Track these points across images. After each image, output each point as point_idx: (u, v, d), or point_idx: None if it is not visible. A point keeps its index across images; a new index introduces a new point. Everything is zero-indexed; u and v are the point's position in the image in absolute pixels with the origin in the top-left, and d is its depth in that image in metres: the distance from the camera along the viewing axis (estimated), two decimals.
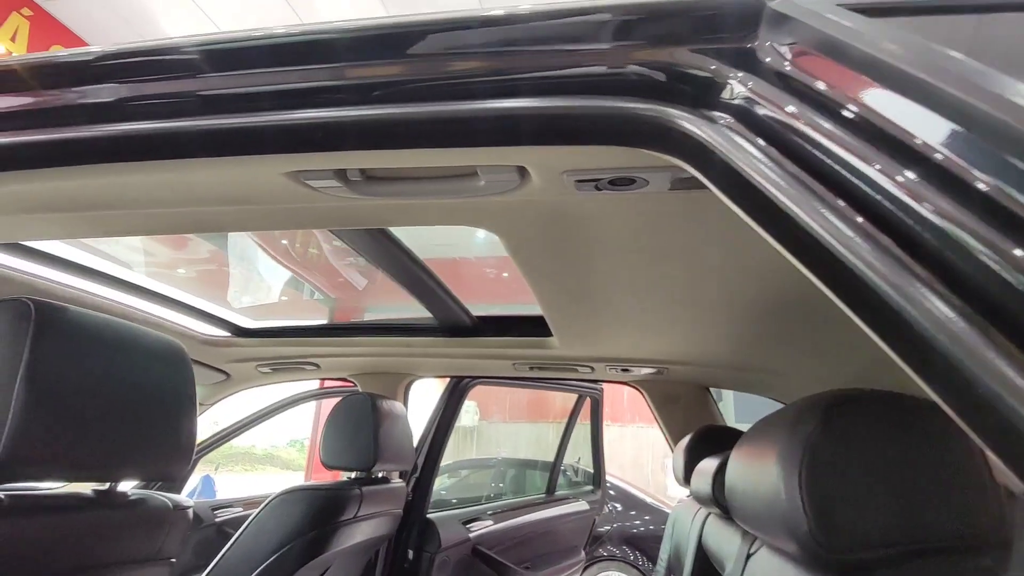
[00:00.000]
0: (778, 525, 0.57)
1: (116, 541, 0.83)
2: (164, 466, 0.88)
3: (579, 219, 0.81)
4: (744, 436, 0.78)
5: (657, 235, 0.85)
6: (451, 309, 1.58)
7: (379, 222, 0.88)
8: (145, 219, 0.88)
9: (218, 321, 1.81)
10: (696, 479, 1.16)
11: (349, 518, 1.54)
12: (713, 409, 1.94)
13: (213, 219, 0.89)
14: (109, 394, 0.80)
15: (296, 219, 0.86)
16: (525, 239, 0.91)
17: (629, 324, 1.44)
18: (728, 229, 0.80)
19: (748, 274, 1.02)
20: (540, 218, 0.82)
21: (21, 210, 0.84)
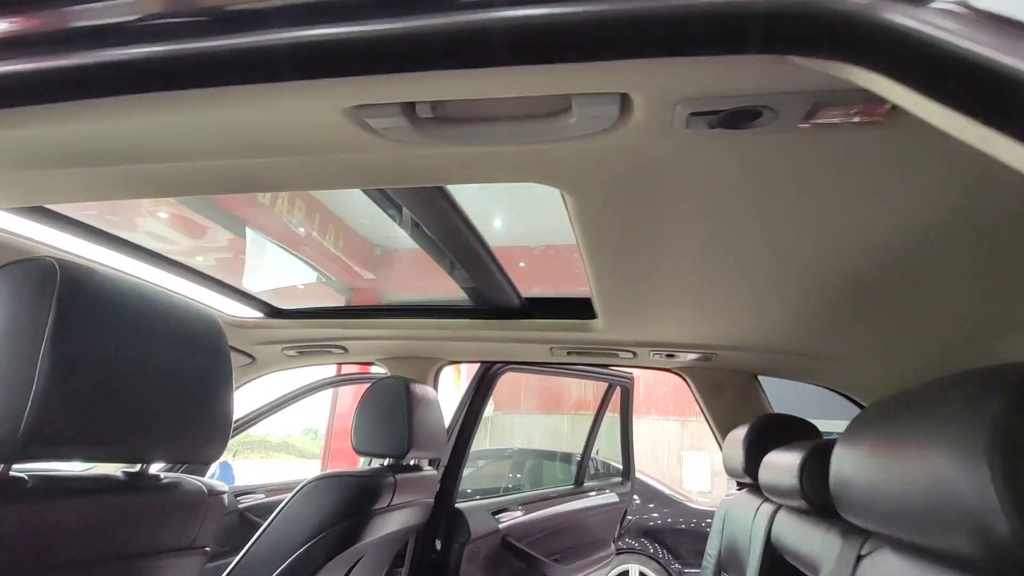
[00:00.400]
0: (949, 525, 0.47)
1: (148, 528, 0.76)
2: (200, 447, 0.81)
3: (668, 173, 0.71)
4: (859, 422, 0.68)
5: (753, 193, 0.75)
6: (500, 287, 1.48)
7: (440, 178, 0.78)
8: (178, 175, 0.80)
9: (250, 300, 1.73)
10: (768, 472, 1.06)
11: (383, 507, 1.47)
12: (763, 398, 1.83)
13: (255, 174, 0.80)
14: (141, 366, 0.72)
15: (351, 173, 0.76)
16: (597, 200, 0.81)
17: (682, 304, 1.34)
18: (842, 183, 0.69)
19: (837, 247, 0.92)
20: (623, 172, 0.72)
21: (40, 164, 0.76)
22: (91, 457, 0.69)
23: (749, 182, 0.72)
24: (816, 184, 0.71)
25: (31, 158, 0.73)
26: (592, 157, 0.69)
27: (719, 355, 1.72)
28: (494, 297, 1.57)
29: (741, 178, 0.71)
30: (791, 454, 0.96)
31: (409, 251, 2.05)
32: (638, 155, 0.67)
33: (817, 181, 0.70)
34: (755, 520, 1.23)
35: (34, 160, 0.73)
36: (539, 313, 1.63)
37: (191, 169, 0.78)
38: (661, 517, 4.75)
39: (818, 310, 1.25)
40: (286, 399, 2.49)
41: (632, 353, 1.77)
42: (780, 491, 0.98)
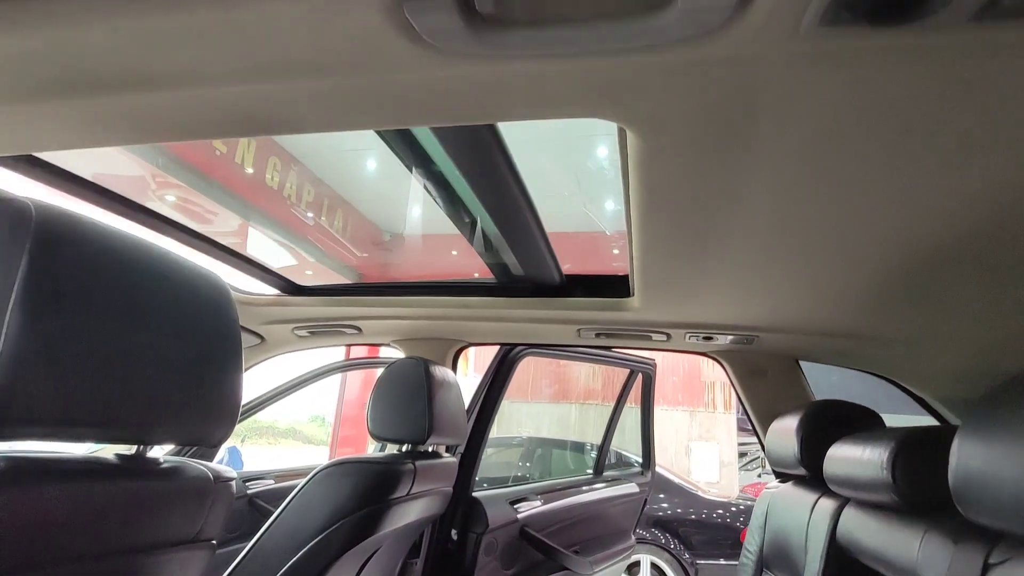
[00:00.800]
0: None
1: (146, 519, 0.65)
2: (206, 428, 0.70)
3: (770, 99, 0.59)
4: (989, 407, 0.56)
5: (868, 127, 0.63)
6: (542, 261, 1.36)
7: (490, 112, 0.66)
8: (181, 110, 0.68)
9: (268, 276, 1.61)
10: (838, 464, 0.95)
11: (402, 495, 1.37)
12: (805, 385, 1.72)
13: (270, 110, 0.68)
14: (136, 332, 0.61)
15: (385, 106, 0.64)
16: (667, 143, 0.69)
17: (729, 280, 1.22)
18: (991, 115, 0.57)
19: (936, 206, 0.79)
20: (713, 100, 0.60)
21: (15, 92, 0.64)
22: (75, 437, 0.58)
23: (869, 111, 0.60)
24: (957, 115, 0.59)
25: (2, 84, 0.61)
26: (678, 80, 0.57)
27: (760, 337, 1.60)
28: (534, 272, 1.44)
29: (859, 105, 0.59)
30: (872, 444, 0.85)
31: (426, 230, 1.95)
32: (740, 73, 0.55)
33: (962, 109, 0.58)
34: (813, 515, 1.12)
35: (6, 88, 0.62)
36: (570, 291, 1.52)
37: (196, 101, 0.66)
38: (672, 507, 4.69)
39: (882, 286, 1.13)
40: (294, 384, 2.41)
41: (666, 335, 1.65)
42: (858, 485, 0.87)
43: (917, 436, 0.78)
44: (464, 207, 1.32)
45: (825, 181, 0.76)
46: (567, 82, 0.58)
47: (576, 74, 0.56)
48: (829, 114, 0.61)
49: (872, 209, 0.84)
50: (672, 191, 0.83)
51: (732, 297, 1.35)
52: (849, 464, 0.90)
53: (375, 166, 3.20)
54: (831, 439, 1.07)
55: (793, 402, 1.64)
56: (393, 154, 1.09)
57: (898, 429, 0.84)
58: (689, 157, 0.72)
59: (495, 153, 0.87)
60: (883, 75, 0.54)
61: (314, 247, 4.53)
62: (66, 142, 0.82)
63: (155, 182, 4.47)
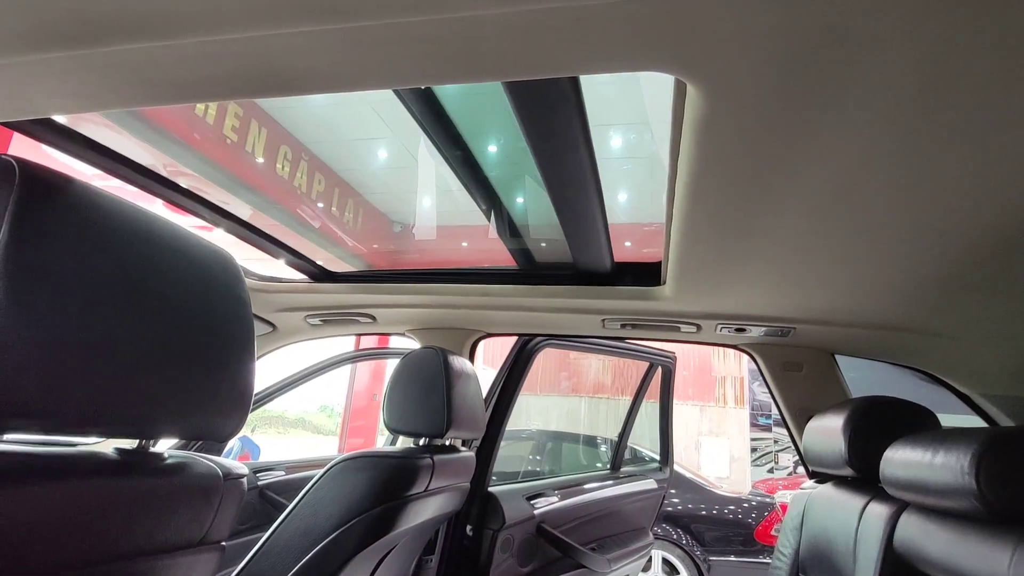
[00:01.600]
0: None
1: (149, 521, 0.59)
2: (216, 420, 0.63)
3: (853, 53, 0.51)
4: None
5: (957, 84, 0.54)
6: (597, 245, 1.26)
7: (534, 65, 0.57)
8: (195, 62, 0.61)
9: (300, 260, 1.54)
10: (902, 467, 0.87)
11: (420, 491, 1.30)
12: (842, 380, 1.63)
13: (292, 63, 0.60)
14: (137, 310, 0.54)
15: (412, 58, 0.56)
16: (729, 99, 0.61)
17: (771, 265, 1.14)
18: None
19: (999, 187, 0.71)
20: (792, 45, 0.52)
21: (19, 45, 0.57)
22: (67, 431, 0.51)
23: (974, 61, 0.51)
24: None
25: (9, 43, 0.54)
26: (754, 19, 0.49)
27: (797, 330, 1.51)
28: (584, 258, 1.35)
29: (965, 53, 0.50)
30: (947, 446, 0.77)
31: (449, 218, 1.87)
32: (830, 9, 0.47)
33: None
34: (863, 520, 1.04)
35: (3, 38, 0.55)
36: (598, 278, 1.44)
37: (207, 54, 0.59)
38: (684, 503, 4.64)
39: (938, 274, 1.04)
40: (305, 374, 2.36)
41: (696, 327, 1.57)
42: (928, 490, 0.79)
43: (1008, 437, 0.70)
44: (488, 189, 1.24)
45: (901, 149, 0.68)
46: (617, 24, 0.50)
47: (627, 13, 0.48)
48: (924, 61, 0.52)
49: (946, 185, 0.75)
50: (727, 161, 0.75)
51: (771, 285, 1.27)
52: (917, 467, 0.82)
53: (390, 151, 3.13)
54: (884, 439, 0.98)
55: (830, 399, 1.55)
56: (421, 130, 1.01)
57: (978, 429, 0.75)
58: (753, 117, 0.64)
59: (572, 113, 0.77)
60: (993, 13, 0.45)
61: (326, 236, 4.47)
62: (71, 105, 0.74)
63: (166, 170, 4.42)
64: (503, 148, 1.35)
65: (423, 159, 1.31)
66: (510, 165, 1.39)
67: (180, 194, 1.28)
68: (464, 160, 1.08)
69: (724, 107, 0.63)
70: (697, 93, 0.61)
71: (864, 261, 1.05)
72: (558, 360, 9.50)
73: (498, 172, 1.11)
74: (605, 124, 2.15)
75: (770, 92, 0.60)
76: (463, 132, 0.97)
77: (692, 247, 1.08)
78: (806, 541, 1.33)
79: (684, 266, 1.19)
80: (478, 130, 0.96)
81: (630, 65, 0.57)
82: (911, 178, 0.75)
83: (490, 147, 1.21)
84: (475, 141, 0.98)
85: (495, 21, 0.52)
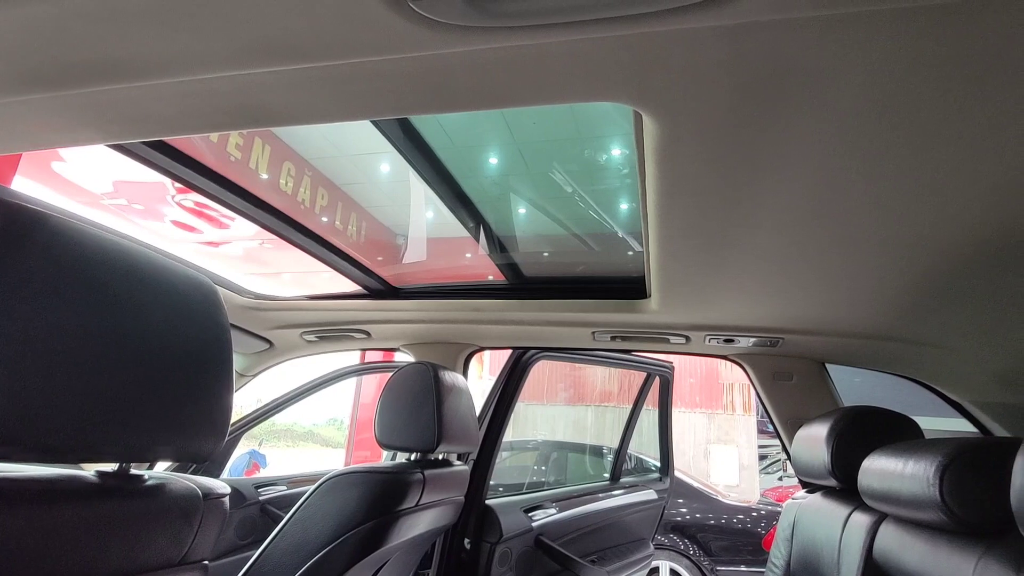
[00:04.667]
0: None
1: (126, 542, 0.61)
2: (192, 443, 0.65)
3: (803, 69, 0.53)
4: None
5: (904, 104, 0.56)
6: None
7: (496, 98, 0.60)
8: (166, 101, 0.64)
9: (368, 275, 1.57)
10: (875, 477, 0.88)
11: (411, 506, 1.32)
12: (833, 389, 1.63)
13: (261, 99, 0.63)
14: (113, 339, 0.57)
15: (383, 92, 0.59)
16: (687, 127, 0.63)
17: (754, 278, 1.15)
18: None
19: (967, 198, 0.72)
20: (741, 73, 0.54)
21: (9, 88, 0.61)
22: (47, 458, 0.54)
23: (916, 82, 0.53)
24: (1014, 87, 0.52)
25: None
26: (699, 53, 0.51)
27: (785, 340, 1.52)
28: (576, 272, 1.37)
29: (905, 75, 0.52)
30: (916, 456, 0.77)
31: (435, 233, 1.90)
32: (769, 41, 0.49)
33: (1020, 81, 0.51)
34: (846, 531, 1.05)
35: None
36: (582, 292, 1.45)
37: (184, 92, 0.62)
38: (691, 512, 4.60)
39: (922, 284, 1.05)
40: (308, 388, 2.38)
41: (685, 338, 1.58)
42: (899, 501, 0.80)
43: (970, 448, 0.71)
44: (472, 207, 1.27)
45: (864, 166, 0.69)
46: (576, 60, 0.52)
47: (585, 50, 0.50)
48: (871, 87, 0.54)
49: (914, 198, 0.76)
50: (692, 182, 0.76)
51: (756, 297, 1.28)
52: (888, 477, 0.82)
53: (392, 165, 3.18)
54: (866, 448, 0.99)
55: (820, 408, 1.56)
56: (397, 152, 1.04)
57: (946, 440, 0.76)
58: (712, 143, 0.66)
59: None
60: (931, 37, 0.47)
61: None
62: (52, 139, 0.78)
63: (175, 188, 4.49)
64: (487, 167, 1.38)
65: (412, 180, 1.34)
66: (493, 184, 1.42)
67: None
68: (445, 181, 1.11)
69: (681, 135, 0.65)
70: (653, 122, 0.63)
71: (843, 273, 1.06)
72: (564, 369, 9.48)
73: (482, 191, 1.14)
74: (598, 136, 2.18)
75: (725, 120, 0.62)
76: (442, 156, 1.00)
77: (670, 261, 1.10)
78: (796, 551, 1.33)
79: (666, 279, 1.20)
80: (458, 153, 0.99)
81: (587, 97, 0.59)
82: (874, 195, 0.76)
83: (473, 167, 1.25)
84: (455, 164, 1.01)
85: (458, 58, 0.54)
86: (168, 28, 0.50)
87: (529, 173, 1.29)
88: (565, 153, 1.33)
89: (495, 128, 1.33)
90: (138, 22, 0.50)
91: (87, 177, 4.31)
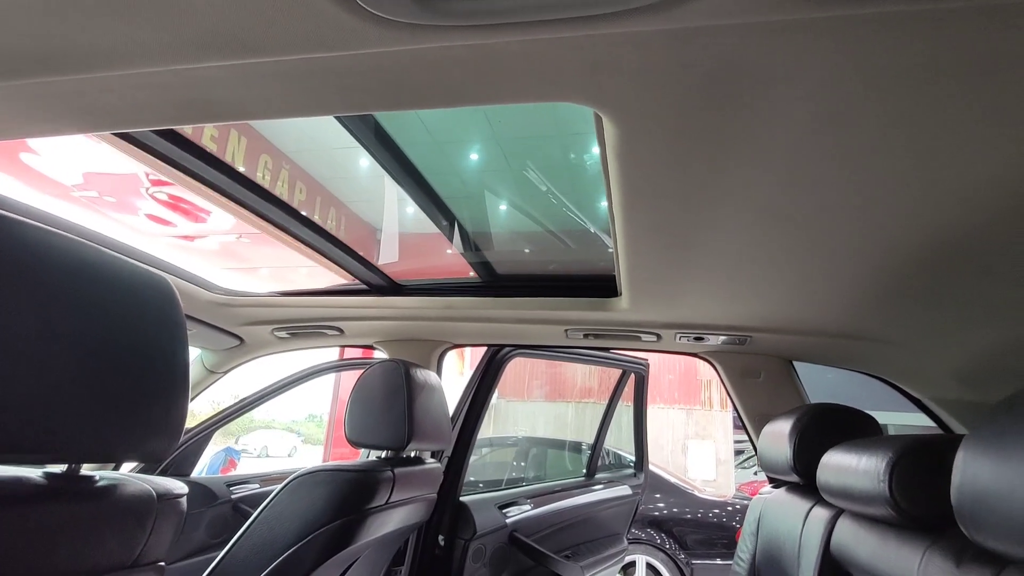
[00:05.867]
0: None
1: (76, 544, 0.60)
2: (145, 443, 0.64)
3: (760, 70, 0.53)
4: (999, 419, 0.51)
5: (857, 109, 0.57)
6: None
7: (451, 96, 0.60)
8: (109, 94, 0.62)
9: (373, 271, 1.54)
10: (831, 472, 0.90)
11: (380, 504, 1.31)
12: (799, 387, 1.67)
13: (209, 93, 0.62)
14: (61, 338, 0.55)
15: (334, 89, 0.59)
16: (646, 128, 0.64)
17: (720, 278, 1.17)
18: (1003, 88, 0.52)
19: (921, 202, 0.74)
20: (697, 75, 0.54)
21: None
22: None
23: (868, 88, 0.54)
24: (962, 96, 0.53)
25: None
26: (654, 55, 0.51)
27: (753, 338, 1.55)
28: (548, 270, 1.37)
29: (858, 81, 0.53)
30: (869, 453, 0.80)
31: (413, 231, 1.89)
32: (724, 45, 0.49)
33: (967, 91, 0.52)
34: (806, 525, 1.07)
35: None
36: (553, 290, 1.46)
37: (131, 85, 0.60)
38: (667, 507, 4.67)
39: (882, 284, 1.08)
40: (284, 384, 2.35)
41: (656, 336, 1.60)
42: (853, 497, 0.82)
43: (918, 445, 0.73)
44: (444, 206, 1.26)
45: (817, 171, 0.71)
46: (529, 60, 0.52)
47: (538, 51, 0.50)
48: (824, 91, 0.55)
49: (867, 202, 0.78)
50: (654, 183, 0.77)
51: (723, 296, 1.30)
52: (843, 473, 0.85)
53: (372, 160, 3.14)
54: (826, 445, 1.02)
55: (787, 404, 1.59)
56: (365, 151, 1.03)
57: (897, 437, 0.78)
58: (670, 145, 0.67)
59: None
60: (882, 46, 0.48)
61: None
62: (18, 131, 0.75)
63: (148, 180, 4.38)
64: (460, 165, 1.37)
65: (387, 176, 1.33)
66: (466, 182, 1.42)
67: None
68: (416, 179, 1.10)
69: (639, 136, 0.66)
70: (611, 124, 0.63)
71: (804, 273, 1.09)
72: (543, 366, 9.52)
73: (455, 188, 1.14)
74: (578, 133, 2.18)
75: (681, 123, 0.63)
76: (413, 154, 0.99)
77: (638, 260, 1.11)
78: (761, 546, 1.36)
79: (635, 278, 1.22)
80: (430, 151, 0.99)
81: (542, 97, 0.60)
82: (829, 199, 0.78)
83: (446, 165, 1.24)
84: (427, 161, 1.01)
85: (410, 55, 0.54)
86: (112, 19, 0.49)
87: (503, 171, 1.29)
88: (538, 151, 1.34)
89: (469, 126, 1.33)
90: (82, 12, 0.48)
91: (57, 168, 4.18)
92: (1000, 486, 0.49)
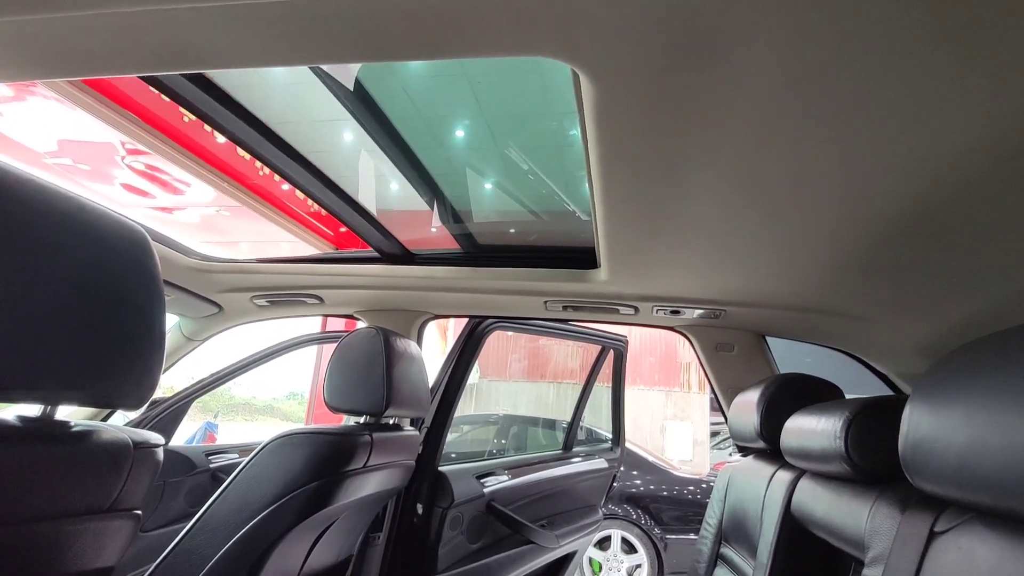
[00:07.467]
0: None
1: (50, 486, 0.60)
2: (122, 388, 0.65)
3: (726, 43, 0.55)
4: (939, 374, 0.54)
5: (827, 73, 0.59)
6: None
7: (424, 47, 0.61)
8: (85, 34, 0.61)
9: (385, 239, 1.51)
10: (795, 436, 0.94)
11: (358, 467, 1.33)
12: (771, 360, 1.71)
13: (182, 38, 0.62)
14: (36, 281, 0.55)
15: (307, 36, 0.59)
16: (625, 90, 0.65)
17: (696, 251, 1.19)
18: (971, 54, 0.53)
19: (883, 174, 0.77)
20: (675, 34, 0.55)
21: None
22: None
23: (839, 53, 0.56)
24: (929, 62, 0.55)
25: None
26: (629, 11, 0.52)
27: (728, 312, 1.58)
28: (527, 241, 1.37)
29: (829, 45, 0.55)
30: (827, 415, 0.83)
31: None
32: (699, 2, 0.50)
33: (934, 57, 0.54)
34: (769, 488, 1.11)
35: None
36: (533, 261, 1.48)
37: (107, 27, 0.59)
38: (644, 484, 4.78)
39: (844, 259, 1.11)
40: (264, 355, 2.34)
41: (634, 308, 1.63)
42: (812, 456, 0.85)
43: (871, 405, 0.77)
44: (427, 174, 1.26)
45: (790, 136, 0.72)
46: (506, 11, 0.53)
47: (516, 2, 0.51)
48: (794, 51, 0.57)
49: (832, 172, 0.80)
50: (630, 147, 0.78)
51: (699, 270, 1.32)
52: (804, 435, 0.88)
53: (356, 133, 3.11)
54: (791, 412, 1.06)
55: (758, 377, 1.63)
56: (354, 119, 1.02)
57: (853, 399, 0.82)
58: (647, 106, 0.68)
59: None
60: (855, 11, 0.50)
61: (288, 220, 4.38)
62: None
63: (124, 149, 4.26)
64: (445, 137, 1.37)
65: (370, 145, 1.32)
66: (450, 153, 1.41)
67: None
68: (400, 147, 1.10)
69: (615, 95, 0.66)
70: (588, 82, 0.64)
71: (775, 246, 1.11)
72: (525, 347, 9.60)
73: (438, 158, 1.14)
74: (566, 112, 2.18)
75: (655, 81, 0.64)
76: (394, 120, 0.99)
77: (617, 230, 1.12)
78: (728, 512, 1.41)
79: (614, 249, 1.23)
80: (413, 117, 0.98)
81: (518, 51, 0.60)
82: (797, 169, 0.80)
83: (431, 136, 1.23)
84: (412, 132, 1.00)
85: (391, 5, 0.54)
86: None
87: (485, 141, 1.29)
88: (520, 121, 1.34)
89: (456, 96, 1.32)
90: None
91: (28, 134, 4.05)
92: (939, 434, 0.52)
